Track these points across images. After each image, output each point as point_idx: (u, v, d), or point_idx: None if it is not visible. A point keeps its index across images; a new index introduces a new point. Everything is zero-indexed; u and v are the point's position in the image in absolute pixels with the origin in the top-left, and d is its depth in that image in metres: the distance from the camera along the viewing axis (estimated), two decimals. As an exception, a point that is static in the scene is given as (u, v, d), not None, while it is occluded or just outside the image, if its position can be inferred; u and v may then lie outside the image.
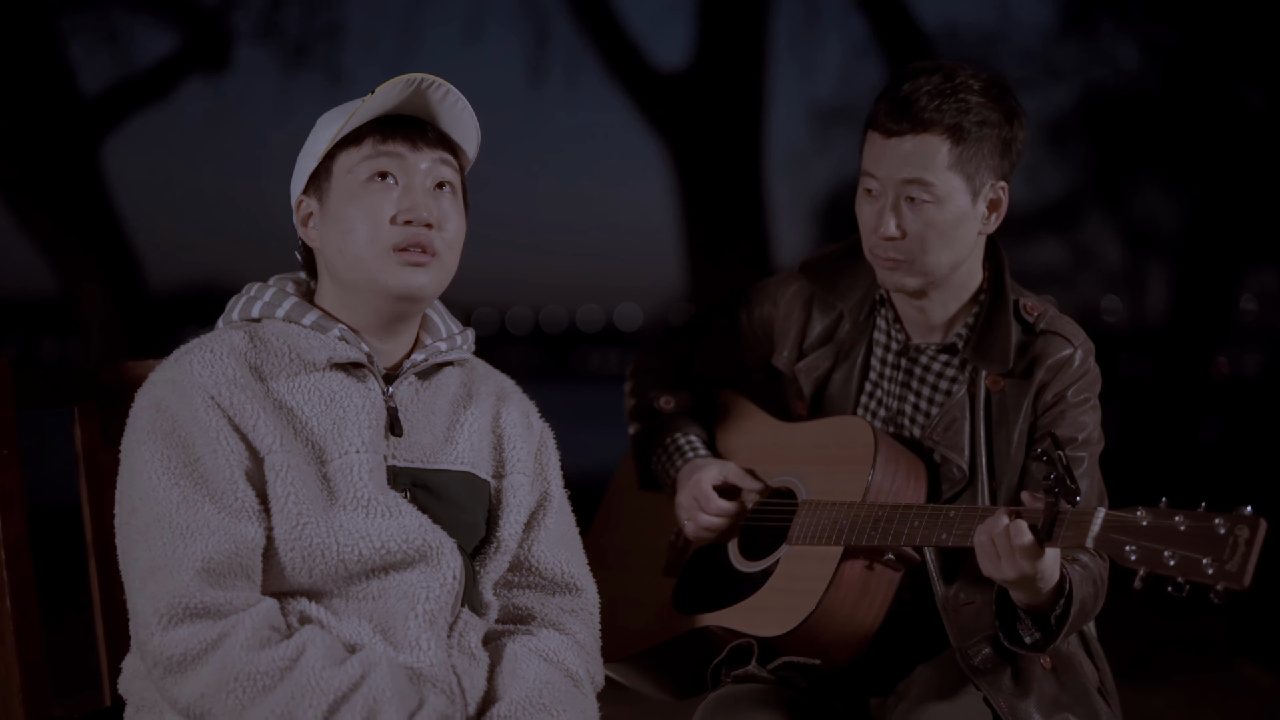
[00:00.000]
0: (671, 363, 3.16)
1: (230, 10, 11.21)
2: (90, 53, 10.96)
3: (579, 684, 2.52)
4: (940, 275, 2.79)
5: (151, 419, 2.35)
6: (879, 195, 2.77)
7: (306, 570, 2.35)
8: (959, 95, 2.73)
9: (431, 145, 2.47)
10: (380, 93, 2.43)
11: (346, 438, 2.40)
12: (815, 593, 2.73)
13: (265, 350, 2.43)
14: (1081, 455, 2.77)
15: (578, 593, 2.62)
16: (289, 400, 2.40)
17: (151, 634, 2.27)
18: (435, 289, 2.47)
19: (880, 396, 2.92)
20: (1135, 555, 2.34)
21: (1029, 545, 2.46)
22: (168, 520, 2.29)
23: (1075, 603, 2.57)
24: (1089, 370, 2.81)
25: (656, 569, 3.06)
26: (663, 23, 11.35)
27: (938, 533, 2.64)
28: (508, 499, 2.56)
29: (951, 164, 2.73)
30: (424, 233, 2.43)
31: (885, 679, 2.81)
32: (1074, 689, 2.73)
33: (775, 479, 2.95)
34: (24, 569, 2.51)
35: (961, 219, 2.76)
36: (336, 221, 2.45)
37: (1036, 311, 2.84)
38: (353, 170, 2.45)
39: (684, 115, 9.98)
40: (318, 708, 2.24)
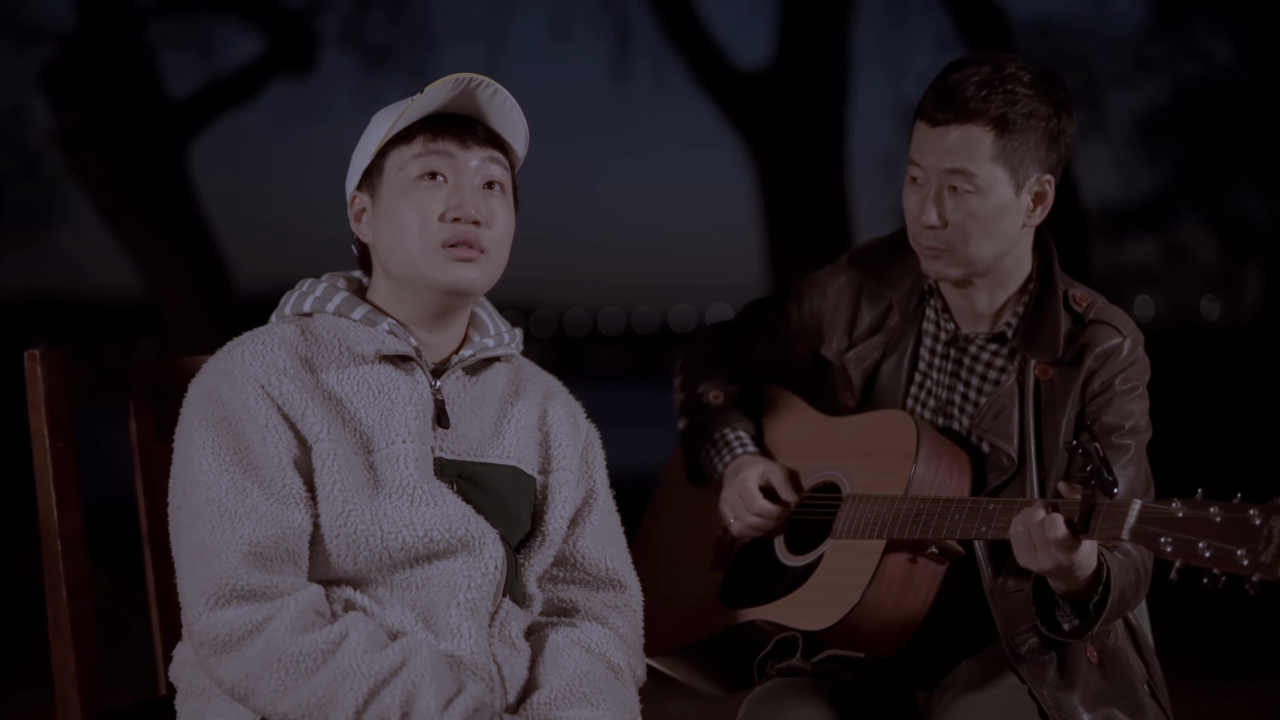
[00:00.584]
0: (719, 357, 3.17)
1: (316, 14, 11.35)
2: (178, 57, 11.13)
3: (620, 675, 2.55)
4: (982, 265, 2.79)
5: (203, 407, 2.41)
6: (923, 184, 2.78)
7: (351, 557, 2.39)
8: (1007, 86, 2.73)
9: (480, 144, 2.51)
10: (429, 92, 2.47)
11: (394, 428, 2.44)
12: (858, 586, 2.74)
13: (316, 343, 2.49)
14: (1128, 443, 2.76)
15: (622, 589, 2.65)
16: (338, 391, 2.45)
17: (199, 615, 2.33)
18: (483, 284, 2.52)
19: (930, 386, 2.92)
20: (1171, 547, 2.34)
21: (1064, 538, 2.47)
22: (217, 504, 2.35)
23: (1114, 590, 2.57)
24: (1137, 359, 2.81)
25: (704, 563, 3.07)
26: (745, 22, 11.34)
27: (977, 525, 2.65)
28: (553, 494, 2.59)
29: (995, 155, 2.73)
30: (472, 230, 2.48)
31: (932, 672, 2.81)
32: (1120, 684, 2.73)
33: (820, 473, 2.96)
34: (80, 562, 2.57)
35: (1004, 210, 2.76)
36: (388, 217, 2.50)
37: (1086, 302, 2.83)
38: (403, 168, 2.50)
39: (766, 115, 9.98)
40: (358, 691, 2.29)
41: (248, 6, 11.28)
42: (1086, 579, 2.56)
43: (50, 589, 2.55)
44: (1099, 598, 2.58)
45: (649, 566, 2.94)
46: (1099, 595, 2.58)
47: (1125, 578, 2.62)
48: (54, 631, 2.55)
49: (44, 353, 2.56)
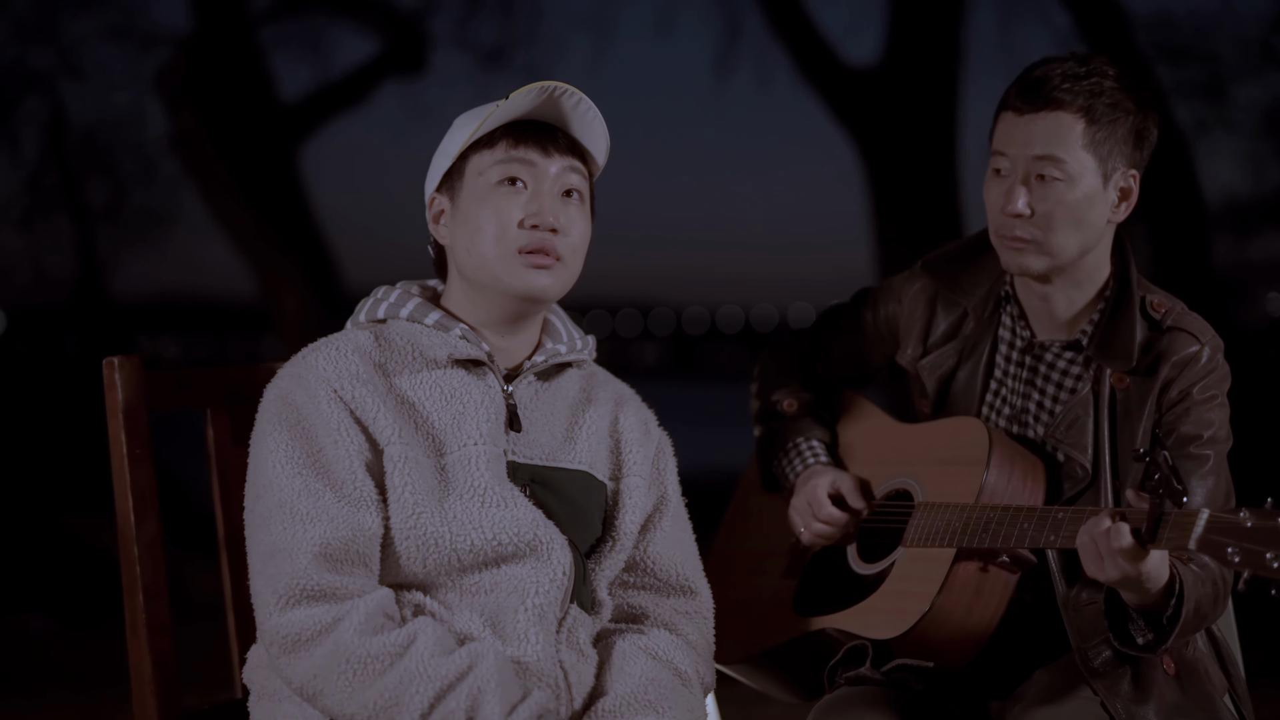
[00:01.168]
0: (795, 364, 3.16)
1: (428, 15, 11.44)
2: (290, 60, 11.29)
3: (687, 683, 2.54)
4: (1066, 259, 2.75)
5: (278, 410, 2.45)
6: (1008, 174, 2.75)
7: (420, 560, 2.41)
8: (1092, 78, 2.71)
9: (562, 152, 2.53)
10: (514, 98, 2.49)
11: (466, 431, 2.46)
12: (928, 595, 2.72)
13: (389, 348, 2.51)
14: (1207, 453, 2.71)
15: (692, 595, 2.65)
16: (410, 395, 2.47)
17: (270, 614, 2.36)
18: (557, 291, 2.53)
19: (1005, 395, 2.89)
20: (1238, 557, 2.29)
21: (1130, 547, 2.43)
22: (289, 506, 2.38)
23: (1188, 603, 2.53)
24: (1216, 367, 2.76)
25: (779, 570, 3.07)
26: (855, 18, 11.26)
27: (1046, 534, 2.61)
28: (624, 500, 2.60)
29: (1085, 143, 2.71)
30: (549, 237, 2.49)
31: (1005, 681, 2.78)
32: (1197, 696, 2.68)
33: (893, 481, 2.94)
34: (156, 567, 2.61)
35: (1092, 201, 2.73)
36: (466, 220, 2.53)
37: (1164, 308, 2.79)
38: (484, 173, 2.52)
39: (875, 113, 9.92)
40: (425, 694, 2.31)
41: (361, 8, 11.40)
42: (1159, 591, 2.51)
43: (128, 592, 2.59)
44: (1172, 611, 2.54)
45: (725, 573, 2.94)
46: (1172, 608, 2.54)
47: (1201, 590, 2.57)
48: (131, 634, 2.59)
49: (121, 360, 2.60)
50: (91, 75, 11.75)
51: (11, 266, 12.65)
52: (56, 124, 11.90)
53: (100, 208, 12.88)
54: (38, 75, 11.64)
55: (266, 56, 10.74)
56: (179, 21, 10.93)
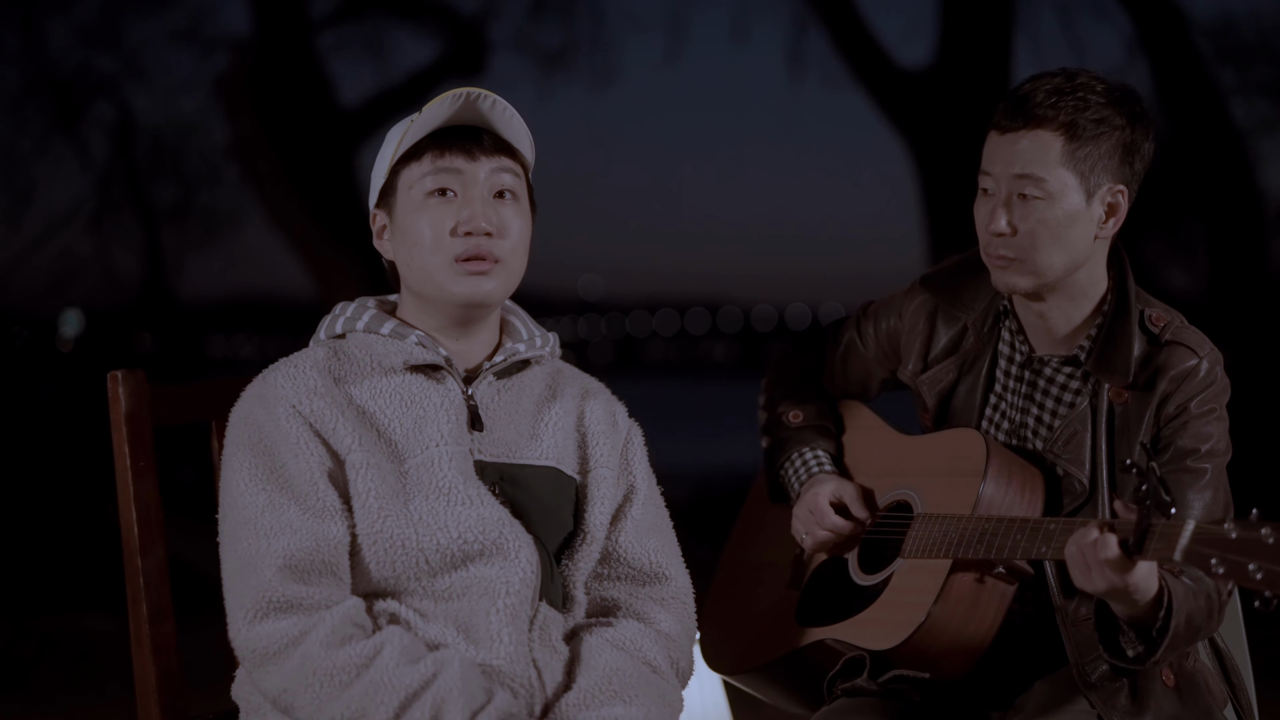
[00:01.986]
0: (800, 376, 3.17)
1: (489, 19, 11.52)
2: (352, 64, 11.40)
3: (658, 670, 2.55)
4: (1053, 276, 2.74)
5: (241, 431, 2.49)
6: (993, 193, 2.74)
7: (389, 563, 2.44)
8: (1078, 94, 2.69)
9: (488, 154, 2.55)
10: (428, 111, 2.52)
11: (427, 434, 2.49)
12: (924, 605, 2.72)
13: (347, 360, 2.55)
14: (1204, 467, 2.70)
15: (666, 581, 2.65)
16: (369, 404, 2.51)
17: (239, 629, 2.40)
18: (501, 293, 2.56)
19: (1004, 409, 2.88)
20: (1222, 569, 2.27)
21: (1116, 558, 2.42)
22: (254, 522, 2.42)
23: (1177, 616, 2.52)
24: (1215, 380, 2.74)
25: (783, 582, 3.08)
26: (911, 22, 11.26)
27: (1038, 546, 2.60)
28: (593, 493, 2.61)
29: (1064, 161, 2.69)
30: (484, 242, 2.52)
31: (1004, 693, 2.78)
32: (1197, 708, 2.67)
33: (894, 492, 2.95)
34: (161, 578, 2.64)
35: (1074, 218, 2.71)
36: (403, 235, 2.56)
37: (1163, 322, 2.77)
38: (414, 186, 2.54)
39: (927, 114, 9.92)
40: (389, 704, 2.33)
41: (422, 12, 11.49)
42: (1147, 604, 2.51)
43: (131, 604, 2.62)
44: (1161, 623, 2.53)
45: (730, 583, 2.97)
46: (1161, 621, 2.53)
47: (1194, 604, 2.56)
48: (136, 645, 2.62)
49: (125, 373, 2.64)
50: (157, 79, 11.93)
51: (82, 269, 12.80)
52: (123, 127, 12.06)
53: (167, 210, 13.04)
54: (104, 79, 11.81)
55: (327, 60, 10.85)
56: (241, 26, 11.09)
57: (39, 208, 12.12)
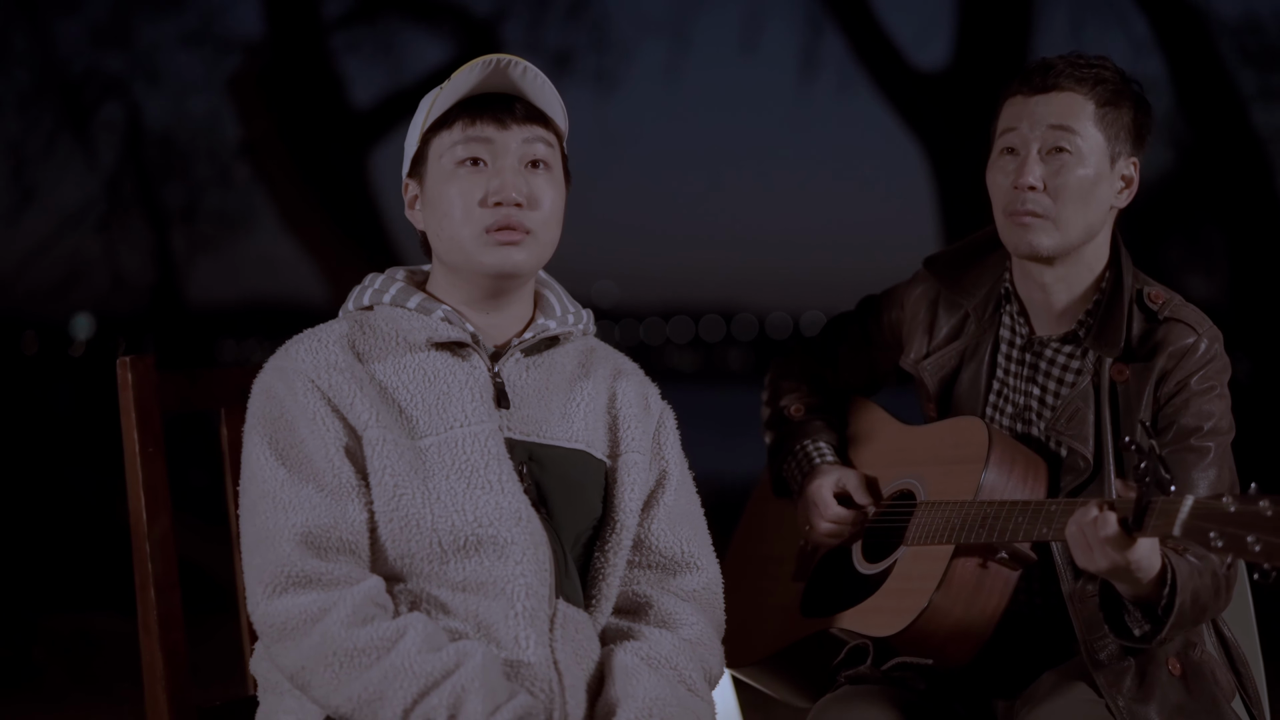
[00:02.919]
0: (804, 371, 3.18)
1: (501, 21, 11.51)
2: (364, 66, 11.38)
3: (694, 690, 2.51)
4: (1073, 237, 2.77)
5: (262, 405, 2.47)
6: (1020, 150, 2.78)
7: (404, 542, 2.40)
8: (1094, 69, 2.77)
9: (520, 122, 2.51)
10: (457, 77, 2.49)
11: (450, 414, 2.46)
12: (927, 591, 2.72)
13: (371, 334, 2.52)
14: (1208, 445, 2.71)
15: (697, 570, 2.61)
16: (390, 380, 2.47)
17: (258, 603, 2.38)
18: (532, 265, 2.52)
19: (1007, 394, 2.90)
20: (1221, 542, 2.29)
21: (1117, 535, 2.43)
22: (272, 496, 2.40)
23: (1182, 593, 2.53)
24: (1214, 357, 2.75)
25: (788, 575, 3.08)
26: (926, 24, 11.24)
27: (1039, 527, 2.62)
28: (623, 478, 2.57)
29: (1095, 119, 2.76)
30: (515, 213, 2.48)
31: (1011, 681, 2.78)
32: (1203, 699, 2.67)
33: (898, 481, 2.95)
34: (168, 563, 2.63)
35: (1099, 179, 2.77)
36: (434, 205, 2.53)
37: (1161, 300, 2.80)
38: (444, 155, 2.51)
39: (943, 117, 9.89)
40: (408, 690, 2.30)
41: (434, 13, 11.48)
42: (1151, 582, 2.51)
43: (140, 589, 2.62)
44: (1166, 601, 2.54)
45: (737, 579, 2.94)
46: (1165, 598, 2.54)
47: (1199, 581, 2.57)
48: (143, 631, 2.61)
49: (134, 360, 2.63)
50: (167, 80, 11.91)
51: (90, 270, 12.79)
52: (133, 129, 12.06)
53: (177, 212, 13.02)
54: (114, 80, 11.81)
55: (339, 61, 10.84)
56: (253, 27, 11.07)
57: (48, 209, 12.13)
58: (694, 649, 2.55)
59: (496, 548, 2.41)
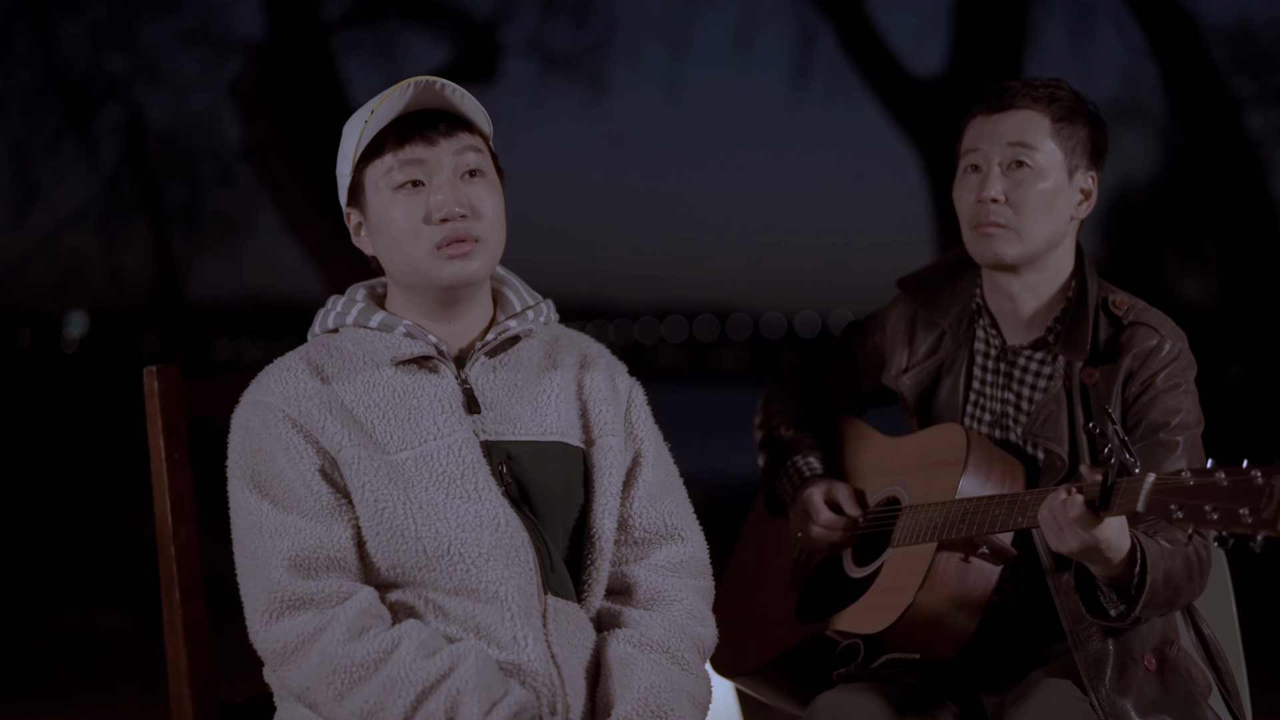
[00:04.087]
0: (794, 394, 3.33)
1: (501, 24, 11.55)
2: (365, 68, 11.42)
3: (687, 668, 2.59)
4: (1036, 246, 2.92)
5: (240, 439, 2.56)
6: (983, 167, 2.93)
7: (393, 553, 2.49)
8: (1049, 88, 2.94)
9: (447, 135, 2.56)
10: (380, 108, 2.54)
11: (424, 427, 2.54)
12: (911, 588, 2.85)
13: (338, 357, 2.60)
14: (1177, 439, 2.84)
15: (682, 541, 2.70)
16: (359, 401, 2.55)
17: (257, 630, 2.48)
18: (485, 271, 2.59)
19: (984, 402, 3.04)
20: (1181, 513, 2.43)
21: (1084, 515, 2.56)
22: (259, 526, 2.50)
23: (1153, 572, 2.66)
24: (1179, 355, 2.90)
25: (784, 585, 3.21)
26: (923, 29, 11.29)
27: (1015, 517, 2.76)
28: (600, 463, 2.64)
29: (1052, 134, 2.91)
30: (461, 225, 2.54)
31: (999, 675, 2.90)
32: (1178, 694, 2.79)
33: (885, 490, 3.09)
34: (193, 565, 2.73)
35: (1059, 192, 2.92)
36: (382, 230, 2.59)
37: (1125, 306, 2.95)
38: (381, 182, 2.57)
39: (939, 122, 9.95)
40: (406, 698, 2.40)
41: (435, 16, 11.52)
42: (1122, 562, 2.64)
43: (165, 590, 2.72)
44: (1138, 579, 2.66)
45: (735, 594, 3.13)
46: (1137, 578, 2.66)
47: (1171, 563, 2.69)
48: (169, 630, 2.71)
49: (160, 369, 2.73)
50: (168, 81, 11.94)
51: (90, 269, 12.82)
52: (134, 129, 12.09)
53: (178, 211, 13.06)
54: (115, 80, 11.84)
55: (340, 63, 10.88)
56: (254, 28, 11.11)
57: (48, 208, 12.15)
58: (684, 626, 2.63)
59: (480, 554, 2.49)
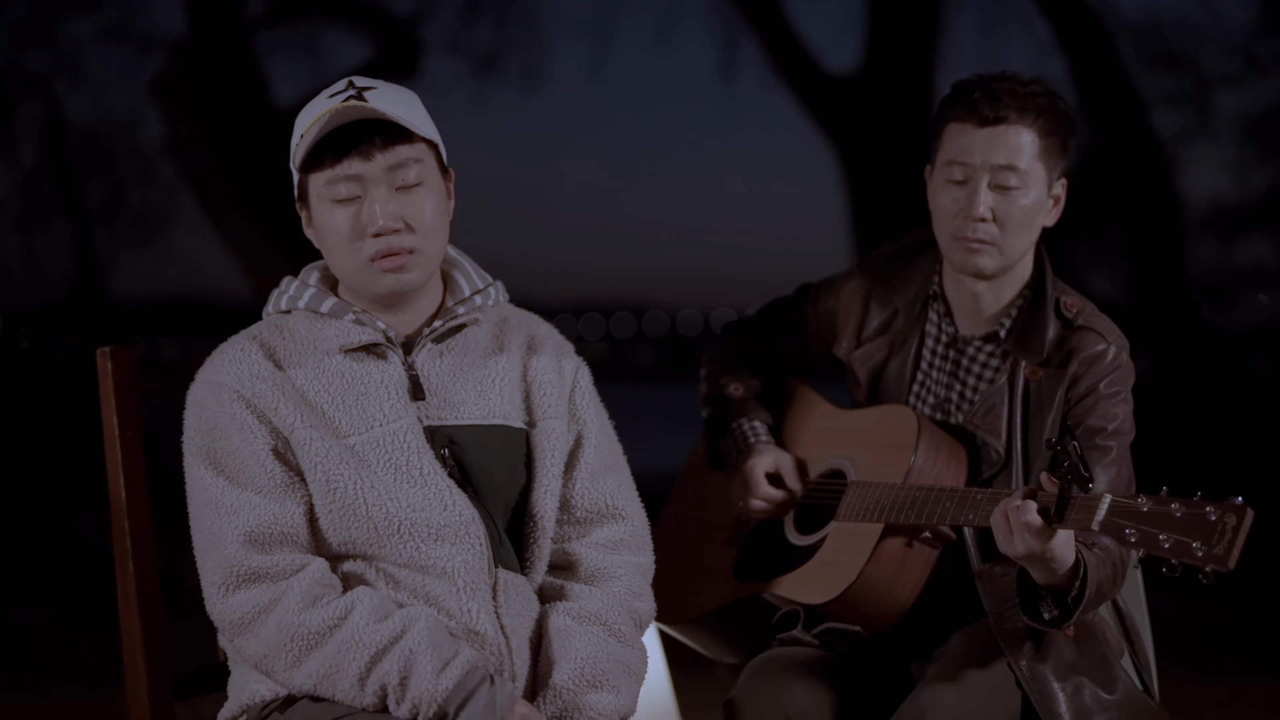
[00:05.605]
0: (742, 352, 3.38)
1: (421, 21, 11.61)
2: (287, 64, 11.45)
3: (625, 640, 2.68)
4: (1014, 259, 2.99)
5: (195, 417, 2.64)
6: (969, 180, 2.97)
7: (345, 529, 2.58)
8: (1035, 97, 2.96)
9: (384, 149, 2.59)
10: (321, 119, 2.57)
11: (370, 413, 2.62)
12: (856, 565, 2.95)
13: (290, 339, 2.67)
14: (1111, 445, 2.94)
15: (623, 520, 2.78)
16: (310, 385, 2.62)
17: (214, 603, 2.58)
18: (423, 279, 2.66)
19: (930, 385, 3.11)
20: (1135, 538, 2.55)
21: (1036, 525, 2.65)
22: (214, 503, 2.58)
23: (1091, 585, 2.75)
24: (1122, 364, 2.99)
25: (722, 540, 3.29)
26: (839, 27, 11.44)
27: (965, 513, 2.86)
28: (542, 444, 2.72)
29: (1039, 153, 2.96)
30: (394, 239, 2.60)
31: (925, 645, 3.01)
32: (1093, 655, 2.90)
33: (830, 461, 3.17)
34: (146, 540, 2.79)
35: (1039, 207, 2.98)
36: (322, 236, 2.66)
37: (1076, 308, 3.02)
38: (320, 192, 2.62)
39: (854, 120, 10.10)
40: (361, 659, 2.49)
41: (356, 14, 11.57)
42: (1065, 572, 2.73)
43: (119, 564, 2.78)
44: (1077, 591, 2.76)
45: (671, 540, 3.18)
46: (1076, 589, 2.76)
47: (1103, 573, 2.79)
48: (123, 603, 2.78)
49: (114, 349, 2.79)
50: (89, 78, 11.91)
51: (8, 267, 12.74)
52: (54, 126, 12.04)
53: (98, 209, 13.00)
54: (35, 78, 11.78)
55: (262, 60, 10.91)
56: (176, 25, 11.10)
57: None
58: (623, 600, 2.72)
59: (431, 531, 2.59)
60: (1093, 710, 2.84)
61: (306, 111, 2.65)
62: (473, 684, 2.50)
